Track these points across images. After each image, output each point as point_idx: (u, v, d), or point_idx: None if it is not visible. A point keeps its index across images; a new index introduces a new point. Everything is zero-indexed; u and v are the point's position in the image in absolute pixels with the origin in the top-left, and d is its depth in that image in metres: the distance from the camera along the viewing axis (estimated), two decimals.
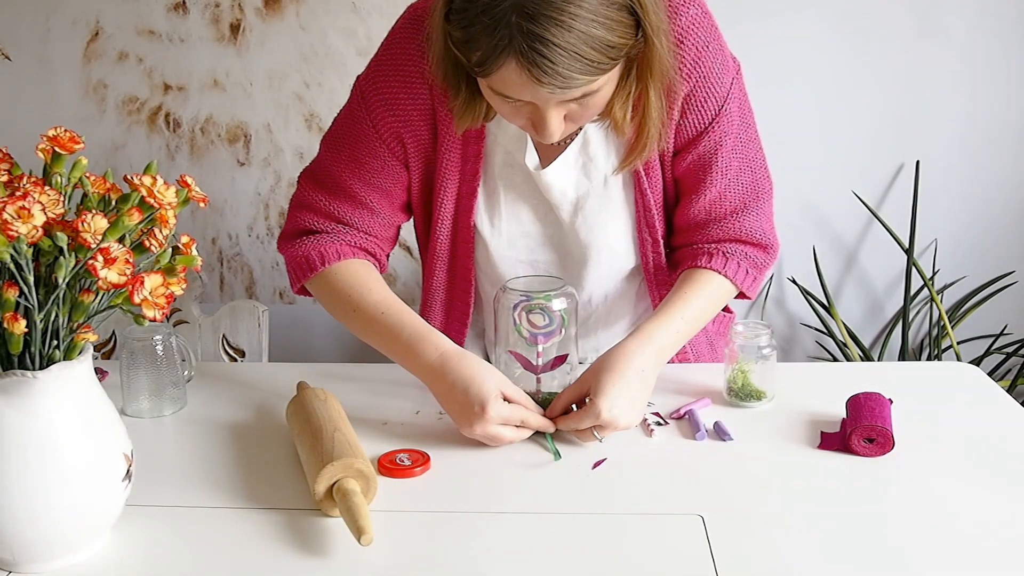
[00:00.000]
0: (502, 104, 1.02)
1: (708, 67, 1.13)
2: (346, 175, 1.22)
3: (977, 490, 0.98)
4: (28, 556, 0.85)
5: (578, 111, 1.02)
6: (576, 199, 1.21)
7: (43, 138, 0.85)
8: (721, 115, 1.16)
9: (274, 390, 1.27)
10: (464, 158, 1.19)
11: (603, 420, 1.05)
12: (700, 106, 1.15)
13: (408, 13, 1.17)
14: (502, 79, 0.96)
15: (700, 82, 1.13)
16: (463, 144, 1.18)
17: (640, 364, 1.10)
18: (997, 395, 1.23)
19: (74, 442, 0.84)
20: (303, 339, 2.30)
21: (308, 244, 1.23)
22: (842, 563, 0.86)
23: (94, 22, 2.14)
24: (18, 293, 0.78)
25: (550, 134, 1.02)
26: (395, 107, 1.17)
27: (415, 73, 1.14)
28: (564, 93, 0.96)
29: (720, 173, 1.18)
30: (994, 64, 2.10)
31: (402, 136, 1.19)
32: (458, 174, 1.20)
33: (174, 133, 2.20)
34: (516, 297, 1.12)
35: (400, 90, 1.16)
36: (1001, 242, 2.23)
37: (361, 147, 1.20)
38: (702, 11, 1.12)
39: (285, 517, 0.95)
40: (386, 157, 1.20)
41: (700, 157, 1.18)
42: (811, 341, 2.32)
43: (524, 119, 1.04)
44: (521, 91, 0.97)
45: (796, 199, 2.19)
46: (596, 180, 1.20)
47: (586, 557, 0.88)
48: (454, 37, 0.97)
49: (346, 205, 1.23)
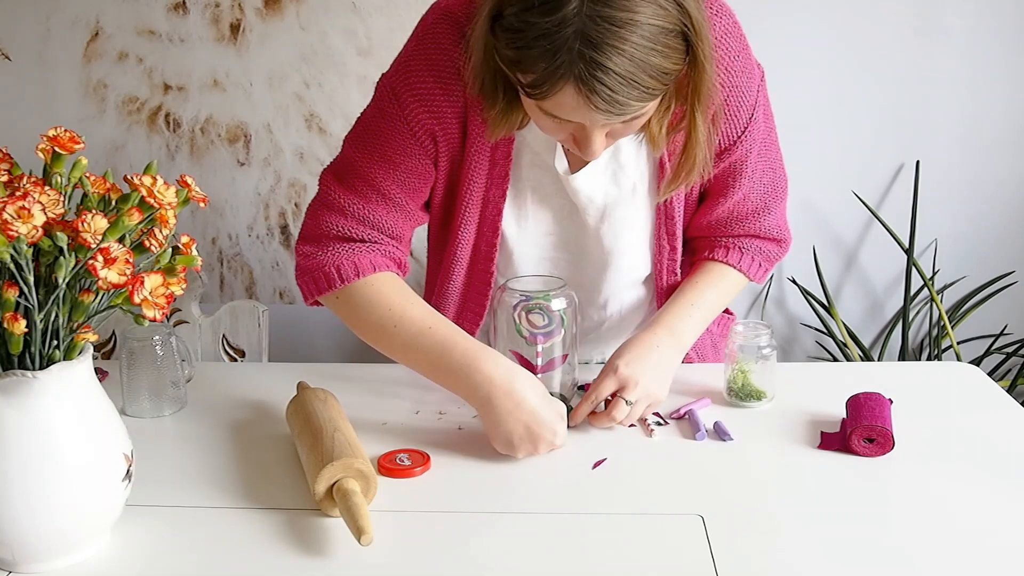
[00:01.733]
0: (546, 121, 1.01)
1: (739, 77, 1.12)
2: (379, 175, 1.17)
3: (977, 490, 0.98)
4: (28, 556, 0.85)
5: (621, 130, 1.02)
6: (604, 206, 1.20)
7: (43, 138, 0.85)
8: (751, 123, 1.17)
9: (274, 390, 1.27)
10: (492, 161, 1.17)
11: (621, 377, 1.10)
12: (733, 115, 1.15)
13: (438, 10, 1.13)
14: (557, 103, 0.95)
15: (732, 92, 1.13)
16: (492, 146, 1.16)
17: (653, 340, 1.15)
18: (997, 395, 1.23)
19: (74, 442, 0.84)
20: (303, 339, 2.30)
21: (341, 254, 1.17)
22: (842, 563, 0.86)
23: (94, 22, 2.14)
24: (18, 293, 0.78)
25: (593, 153, 1.02)
26: (430, 103, 1.13)
27: (450, 69, 1.11)
28: (619, 118, 0.96)
29: (747, 178, 1.20)
30: (994, 64, 2.10)
31: (435, 133, 1.15)
32: (485, 177, 1.18)
33: (174, 133, 2.20)
34: (516, 297, 1.12)
35: (435, 86, 1.12)
36: (1001, 242, 2.23)
37: (393, 145, 1.16)
38: (732, 21, 1.12)
39: (285, 517, 0.95)
40: (420, 155, 1.16)
41: (732, 164, 1.19)
42: (811, 341, 2.32)
43: (567, 135, 1.03)
44: (573, 114, 0.96)
45: (796, 199, 2.17)
46: (625, 188, 1.19)
47: (586, 557, 0.88)
48: (503, 55, 0.96)
49: (379, 208, 1.18)
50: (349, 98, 2.13)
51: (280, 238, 2.26)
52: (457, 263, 1.24)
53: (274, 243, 2.26)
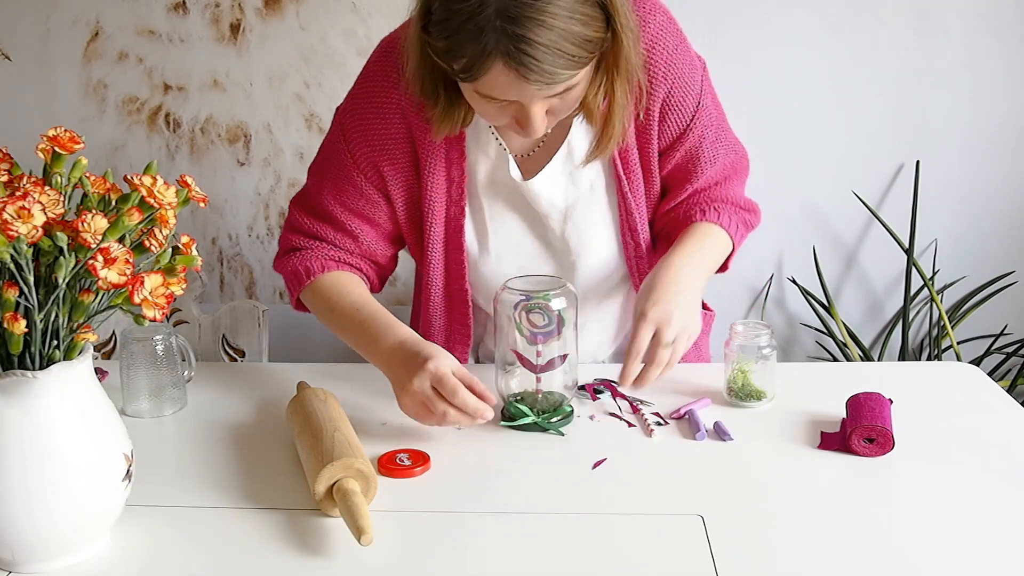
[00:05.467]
0: (486, 106, 1.06)
1: (680, 68, 1.19)
2: (329, 201, 1.27)
3: (977, 490, 0.98)
4: (28, 556, 0.85)
5: (559, 105, 1.07)
6: (565, 208, 1.25)
7: (43, 138, 0.85)
8: (699, 110, 1.22)
9: (274, 390, 1.27)
10: (448, 180, 1.23)
11: (653, 319, 1.10)
12: (679, 105, 1.20)
13: (381, 46, 1.23)
14: (489, 82, 1.01)
15: (676, 83, 1.19)
16: (446, 167, 1.22)
17: (672, 266, 1.16)
18: (997, 395, 1.23)
19: (74, 442, 0.84)
20: (303, 339, 2.29)
21: (295, 259, 1.28)
22: (842, 563, 0.86)
23: (94, 22, 2.14)
24: (18, 293, 0.78)
25: (535, 129, 1.07)
26: (371, 138, 1.22)
27: (390, 104, 1.19)
28: (550, 88, 1.01)
29: (707, 162, 1.25)
30: (994, 64, 2.10)
31: (380, 165, 1.23)
32: (444, 196, 1.24)
33: (174, 133, 2.20)
34: (516, 297, 1.12)
35: (376, 120, 1.21)
36: (1001, 242, 2.23)
37: (342, 175, 1.25)
38: (667, 18, 1.18)
39: (285, 517, 0.95)
40: (364, 186, 1.25)
41: (688, 151, 1.24)
42: (811, 341, 2.32)
43: (508, 118, 1.08)
44: (508, 91, 1.01)
45: (796, 199, 2.19)
46: (583, 187, 1.24)
47: (585, 557, 0.88)
48: (435, 48, 1.02)
49: (329, 228, 1.28)
50: None
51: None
52: (432, 284, 1.30)
53: (274, 243, 2.26)
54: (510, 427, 1.14)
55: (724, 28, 2.09)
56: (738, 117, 2.11)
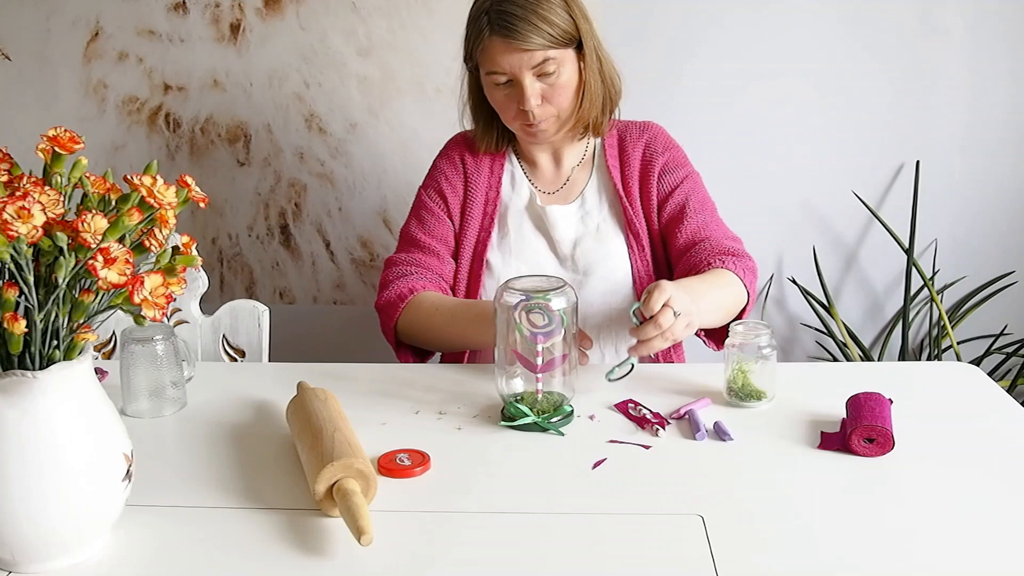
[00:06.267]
0: (495, 92, 1.42)
1: (673, 151, 1.55)
2: (414, 229, 1.57)
3: (977, 490, 0.98)
4: (28, 556, 0.85)
5: (550, 92, 1.40)
6: (575, 239, 1.52)
7: (43, 138, 0.85)
8: (686, 180, 1.53)
9: (274, 390, 1.27)
10: (484, 212, 1.55)
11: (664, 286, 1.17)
12: (672, 171, 1.53)
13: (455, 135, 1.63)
14: (489, 57, 1.38)
15: (670, 157, 1.54)
16: (484, 201, 1.55)
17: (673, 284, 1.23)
18: (997, 395, 1.23)
19: (74, 442, 0.84)
20: (303, 339, 2.30)
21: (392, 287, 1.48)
22: (842, 563, 0.86)
23: (94, 22, 2.14)
24: (18, 293, 0.78)
25: (528, 98, 1.38)
26: (443, 178, 1.58)
27: (457, 160, 1.59)
28: (531, 57, 1.35)
29: (694, 212, 1.51)
30: (995, 64, 2.10)
31: (445, 194, 1.57)
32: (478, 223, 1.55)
33: (174, 133, 2.20)
34: (516, 297, 1.12)
35: (448, 168, 1.59)
36: (1001, 242, 2.23)
37: (422, 207, 1.58)
38: (659, 129, 1.57)
39: (285, 517, 0.95)
40: (439, 211, 1.57)
41: (678, 203, 1.51)
42: (811, 341, 2.32)
43: (514, 109, 1.42)
44: (501, 62, 1.37)
45: (796, 199, 2.19)
46: (590, 227, 1.53)
47: (586, 557, 0.88)
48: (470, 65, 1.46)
49: (416, 251, 1.54)
50: (349, 98, 2.13)
51: (280, 238, 2.26)
52: (457, 290, 1.55)
53: (274, 243, 2.26)
54: (510, 427, 1.14)
55: (723, 28, 2.09)
56: (738, 117, 2.13)
